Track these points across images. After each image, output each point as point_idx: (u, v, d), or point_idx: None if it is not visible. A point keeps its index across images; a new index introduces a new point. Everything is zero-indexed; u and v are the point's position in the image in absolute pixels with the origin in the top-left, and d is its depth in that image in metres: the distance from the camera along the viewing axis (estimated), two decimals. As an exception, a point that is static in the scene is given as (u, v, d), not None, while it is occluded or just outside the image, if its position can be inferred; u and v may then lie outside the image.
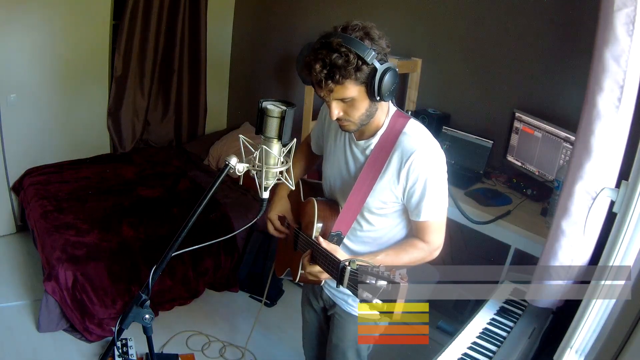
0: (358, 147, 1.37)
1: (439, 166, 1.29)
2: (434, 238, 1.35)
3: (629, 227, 1.23)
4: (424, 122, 2.69)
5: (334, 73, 1.13)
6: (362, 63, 1.14)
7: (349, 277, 1.10)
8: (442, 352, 1.43)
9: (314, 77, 1.17)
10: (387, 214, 1.38)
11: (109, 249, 2.58)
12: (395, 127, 1.31)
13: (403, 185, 1.30)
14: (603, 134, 1.31)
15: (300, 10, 3.45)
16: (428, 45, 2.81)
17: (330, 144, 1.47)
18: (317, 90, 1.21)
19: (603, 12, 1.25)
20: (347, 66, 1.13)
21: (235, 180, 3.33)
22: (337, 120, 1.27)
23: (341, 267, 1.13)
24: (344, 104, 1.22)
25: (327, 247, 1.25)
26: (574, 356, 1.39)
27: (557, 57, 2.31)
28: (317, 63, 1.14)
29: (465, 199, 2.31)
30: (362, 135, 1.36)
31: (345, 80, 1.15)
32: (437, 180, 1.29)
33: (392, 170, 1.30)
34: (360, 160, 1.36)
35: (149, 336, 1.25)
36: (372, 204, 1.35)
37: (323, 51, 1.14)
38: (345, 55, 1.13)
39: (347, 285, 1.11)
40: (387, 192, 1.32)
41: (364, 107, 1.23)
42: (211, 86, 4.02)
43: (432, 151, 1.29)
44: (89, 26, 3.29)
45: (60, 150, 3.41)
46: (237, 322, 2.71)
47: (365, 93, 1.19)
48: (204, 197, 1.15)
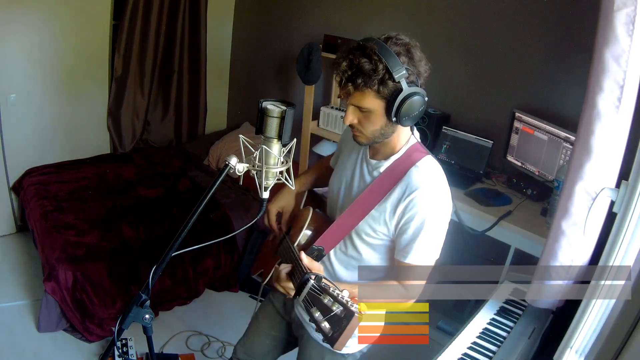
0: (369, 165, 1.32)
1: (440, 210, 1.22)
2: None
3: (629, 227, 1.23)
4: (424, 122, 2.71)
5: (357, 77, 1.10)
6: (389, 78, 1.09)
7: (308, 291, 1.06)
8: (442, 352, 1.43)
9: (337, 75, 1.14)
10: (373, 245, 1.31)
11: (109, 249, 2.58)
12: (410, 157, 1.25)
13: (398, 219, 1.23)
14: (603, 134, 1.31)
15: (300, 10, 3.45)
16: (428, 45, 2.80)
17: (345, 155, 1.43)
18: (339, 90, 1.17)
19: (603, 12, 1.25)
20: (372, 75, 1.09)
21: (235, 180, 3.33)
22: (350, 127, 1.23)
23: (305, 279, 1.09)
24: (361, 114, 1.18)
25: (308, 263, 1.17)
26: (574, 356, 1.39)
27: (557, 57, 2.31)
28: (345, 61, 1.11)
29: (465, 199, 2.31)
30: (375, 154, 1.31)
31: (366, 89, 1.11)
32: (434, 224, 1.21)
33: (392, 200, 1.23)
34: (366, 180, 1.31)
35: (149, 336, 1.25)
36: (363, 228, 1.28)
37: (356, 52, 1.11)
38: (374, 63, 1.09)
39: (302, 299, 1.07)
40: (380, 221, 1.26)
41: (379, 124, 1.18)
42: (211, 86, 4.02)
43: (438, 192, 1.21)
44: (89, 26, 3.29)
45: (60, 150, 3.41)
46: (237, 322, 2.70)
47: (384, 110, 1.15)
48: (204, 197, 1.15)
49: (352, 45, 1.14)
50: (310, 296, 1.05)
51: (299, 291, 1.09)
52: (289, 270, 1.21)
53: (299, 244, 1.37)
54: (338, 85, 1.17)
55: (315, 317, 1.02)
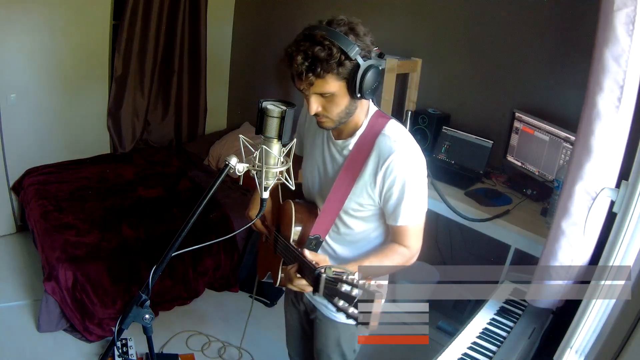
0: (336, 146, 1.34)
1: (417, 169, 1.26)
2: (413, 242, 1.32)
3: (629, 227, 1.23)
4: (424, 122, 2.71)
5: (316, 66, 1.11)
6: (345, 58, 1.11)
7: (325, 285, 1.07)
8: (442, 352, 1.43)
9: (294, 69, 1.14)
10: (364, 217, 1.35)
11: (109, 249, 2.58)
12: (374, 127, 1.28)
13: (380, 188, 1.26)
14: (603, 134, 1.31)
15: (300, 10, 3.45)
16: (428, 45, 2.81)
17: (309, 143, 1.44)
18: (297, 83, 1.18)
19: (603, 12, 1.25)
20: (329, 60, 1.10)
21: (235, 180, 3.33)
22: (316, 116, 1.24)
23: (316, 275, 1.10)
24: (324, 99, 1.19)
25: (312, 258, 1.19)
26: (574, 356, 1.39)
27: (557, 57, 2.31)
28: (299, 55, 1.11)
29: (465, 199, 2.31)
30: (340, 134, 1.33)
31: (327, 74, 1.12)
32: (415, 183, 1.25)
33: (369, 172, 1.27)
34: (338, 161, 1.33)
35: (149, 336, 1.25)
36: (349, 206, 1.32)
37: (306, 43, 1.11)
38: (328, 48, 1.10)
39: (323, 293, 1.08)
40: (364, 195, 1.29)
41: (344, 104, 1.20)
42: (211, 86, 4.02)
43: (411, 153, 1.25)
44: (89, 26, 3.29)
45: (60, 150, 3.41)
46: (237, 322, 2.70)
47: (346, 89, 1.16)
48: (204, 197, 1.15)
49: (298, 37, 1.15)
50: (328, 288, 1.07)
51: (316, 287, 1.10)
52: (297, 269, 1.23)
53: (294, 240, 1.38)
54: (296, 79, 1.17)
55: (340, 306, 1.03)
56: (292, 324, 1.74)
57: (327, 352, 1.56)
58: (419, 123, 2.73)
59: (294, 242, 1.37)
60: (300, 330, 1.73)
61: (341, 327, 1.50)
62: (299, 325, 1.72)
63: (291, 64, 1.14)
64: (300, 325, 1.71)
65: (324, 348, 1.57)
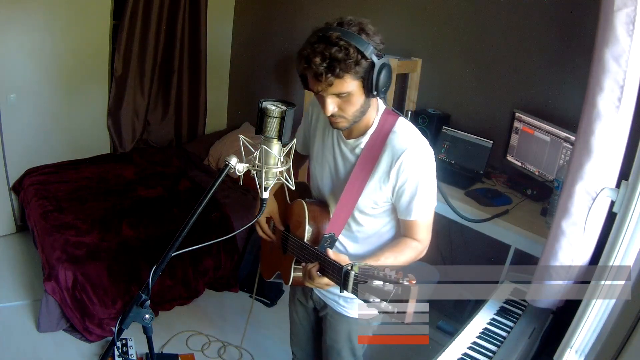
0: (347, 146, 1.35)
1: (429, 165, 1.29)
2: (424, 236, 1.35)
3: (629, 227, 1.23)
4: (424, 122, 2.71)
5: (334, 67, 1.12)
6: (362, 57, 1.13)
7: (354, 282, 1.08)
8: (442, 352, 1.43)
9: (312, 71, 1.14)
10: (376, 214, 1.37)
11: (109, 249, 2.58)
12: (385, 125, 1.30)
13: (393, 185, 1.29)
14: (603, 134, 1.31)
15: (300, 10, 3.45)
16: (428, 45, 2.81)
17: (318, 143, 1.45)
18: (314, 85, 1.18)
19: (603, 12, 1.25)
20: (347, 60, 1.12)
21: (235, 180, 3.33)
22: (331, 117, 1.25)
23: (344, 272, 1.11)
24: (340, 100, 1.20)
25: (335, 257, 1.19)
26: (574, 356, 1.39)
27: (557, 57, 2.31)
28: (317, 56, 1.12)
29: (465, 199, 2.31)
30: (351, 134, 1.35)
31: (345, 74, 1.14)
32: (427, 179, 1.29)
33: (382, 169, 1.29)
34: (350, 160, 1.35)
35: (149, 336, 1.24)
36: (363, 204, 1.34)
37: (321, 45, 1.12)
38: (345, 49, 1.12)
39: (351, 290, 1.09)
40: (378, 192, 1.32)
41: (359, 103, 1.22)
42: (211, 86, 4.02)
43: (422, 150, 1.28)
44: (89, 26, 3.29)
45: (60, 150, 3.41)
46: (237, 322, 2.70)
47: (362, 88, 1.19)
48: (204, 197, 1.15)
49: (312, 39, 1.16)
50: (357, 285, 1.07)
51: (345, 284, 1.11)
52: (318, 268, 1.24)
53: (308, 239, 1.38)
54: (313, 81, 1.17)
55: (372, 301, 1.03)
56: (299, 322, 1.74)
57: (337, 348, 1.57)
58: (419, 123, 2.73)
59: (308, 242, 1.37)
60: (309, 328, 1.73)
61: (352, 321, 1.51)
62: (307, 324, 1.72)
63: (309, 66, 1.14)
64: (309, 324, 1.72)
65: (334, 344, 1.57)
